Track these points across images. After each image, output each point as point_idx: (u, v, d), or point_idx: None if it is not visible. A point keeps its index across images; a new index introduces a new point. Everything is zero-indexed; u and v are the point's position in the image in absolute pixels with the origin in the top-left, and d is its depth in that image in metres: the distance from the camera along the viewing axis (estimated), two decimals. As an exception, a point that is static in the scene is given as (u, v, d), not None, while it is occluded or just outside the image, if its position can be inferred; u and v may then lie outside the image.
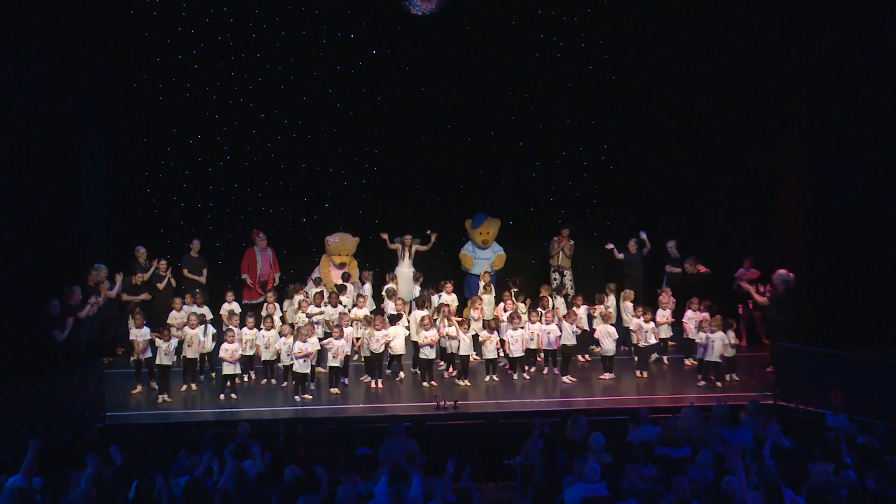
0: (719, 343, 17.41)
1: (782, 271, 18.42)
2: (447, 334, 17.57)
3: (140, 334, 16.83)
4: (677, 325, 18.62)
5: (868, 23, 18.03)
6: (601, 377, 17.98)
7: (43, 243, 17.46)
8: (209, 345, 17.23)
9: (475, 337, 17.84)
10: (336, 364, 17.01)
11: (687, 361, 18.29)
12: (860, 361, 16.69)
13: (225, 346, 16.76)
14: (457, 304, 18.83)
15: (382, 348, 17.40)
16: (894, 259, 18.53)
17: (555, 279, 20.42)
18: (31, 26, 17.11)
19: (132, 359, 17.23)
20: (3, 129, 16.58)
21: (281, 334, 17.13)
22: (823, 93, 18.80)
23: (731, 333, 18.01)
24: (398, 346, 17.49)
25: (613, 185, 21.88)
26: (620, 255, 20.20)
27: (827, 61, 18.63)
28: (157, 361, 16.73)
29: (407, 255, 19.92)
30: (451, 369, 17.88)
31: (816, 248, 19.16)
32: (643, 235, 20.29)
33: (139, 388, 17.04)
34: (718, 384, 17.44)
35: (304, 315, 17.78)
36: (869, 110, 18.30)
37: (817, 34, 18.74)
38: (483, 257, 20.43)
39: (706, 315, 17.89)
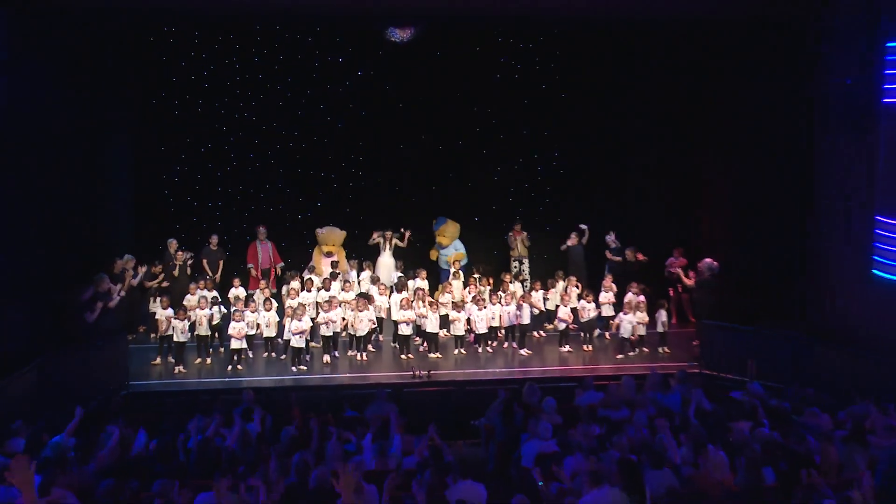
0: (626, 323, 17.73)
1: (707, 260, 18.58)
2: (421, 314, 17.60)
3: (165, 315, 16.78)
4: (619, 307, 18.52)
5: (771, 58, 18.32)
6: (560, 348, 18.12)
7: (78, 237, 17.57)
8: (217, 317, 17.27)
9: (445, 316, 17.88)
10: (328, 333, 17.13)
11: (629, 336, 18.22)
12: (771, 336, 16.91)
13: (233, 324, 16.84)
14: (428, 287, 18.80)
15: (367, 329, 17.46)
16: (797, 250, 18.71)
17: (514, 267, 20.43)
18: (72, 59, 17.24)
19: (153, 336, 17.22)
20: (47, 145, 16.65)
21: (281, 314, 17.24)
22: (741, 115, 19.11)
23: (663, 312, 18.21)
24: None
25: (562, 186, 21.93)
26: (564, 247, 20.24)
27: (745, 88, 18.87)
28: (175, 338, 16.74)
29: (388, 247, 19.89)
30: (425, 344, 17.86)
31: (735, 240, 19.41)
32: (583, 227, 20.33)
33: (158, 360, 17.01)
34: (620, 356, 17.75)
35: (291, 301, 17.73)
36: (774, 129, 18.57)
37: (736, 63, 18.97)
38: (446, 254, 20.40)
39: (643, 298, 17.97)
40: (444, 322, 17.97)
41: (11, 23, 15.00)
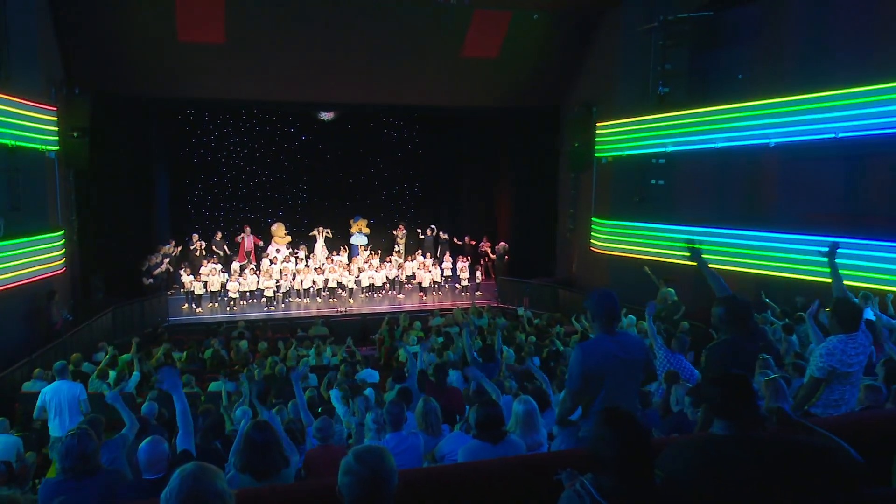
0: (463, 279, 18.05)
1: (502, 243, 19.12)
2: (342, 274, 17.54)
3: (188, 278, 16.40)
4: (454, 272, 18.76)
5: (537, 130, 18.70)
6: (420, 294, 18.23)
7: (137, 233, 16.88)
8: (220, 281, 16.90)
9: (357, 278, 17.85)
10: (286, 290, 16.91)
11: (457, 286, 18.56)
12: (536, 284, 17.49)
13: (230, 284, 16.57)
14: (346, 259, 18.74)
15: (310, 284, 17.34)
16: (550, 237, 19.33)
17: (396, 247, 20.41)
18: (133, 126, 16.42)
19: (182, 290, 16.75)
20: (117, 178, 15.99)
21: (259, 277, 16.98)
22: (520, 163, 19.39)
23: (479, 273, 18.53)
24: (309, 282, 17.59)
25: (421, 204, 22.04)
26: (422, 237, 20.31)
27: (523, 148, 19.20)
28: (195, 292, 16.38)
29: (321, 238, 19.70)
30: (344, 293, 17.80)
31: (517, 232, 19.70)
32: (433, 226, 20.41)
33: (186, 306, 16.55)
34: (466, 294, 17.93)
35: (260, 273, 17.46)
36: (538, 171, 19.01)
37: (518, 133, 19.31)
38: (353, 241, 20.28)
39: (466, 265, 18.32)
40: (356, 280, 17.84)
41: (94, 102, 14.39)
